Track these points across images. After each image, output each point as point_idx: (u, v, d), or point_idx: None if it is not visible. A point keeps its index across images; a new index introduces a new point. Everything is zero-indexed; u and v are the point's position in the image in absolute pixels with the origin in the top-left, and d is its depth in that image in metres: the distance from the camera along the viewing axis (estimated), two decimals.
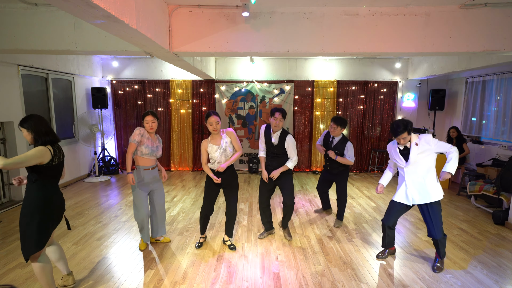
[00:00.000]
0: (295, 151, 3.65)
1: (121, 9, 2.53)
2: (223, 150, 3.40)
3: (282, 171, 3.66)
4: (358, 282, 3.02)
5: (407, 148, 3.11)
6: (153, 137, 3.50)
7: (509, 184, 4.65)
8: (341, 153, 4.19)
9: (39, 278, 2.57)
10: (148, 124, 3.41)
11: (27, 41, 3.94)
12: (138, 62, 7.65)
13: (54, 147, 2.53)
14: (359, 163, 7.90)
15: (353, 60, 7.58)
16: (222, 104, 7.76)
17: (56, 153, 2.52)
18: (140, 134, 3.37)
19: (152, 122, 3.42)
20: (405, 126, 2.98)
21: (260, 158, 3.83)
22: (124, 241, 3.85)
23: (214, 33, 3.96)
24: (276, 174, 3.65)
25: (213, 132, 3.41)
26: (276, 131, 3.65)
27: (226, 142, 3.42)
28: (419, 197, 3.11)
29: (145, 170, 3.47)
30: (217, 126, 3.37)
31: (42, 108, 5.90)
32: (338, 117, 4.18)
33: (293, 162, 3.66)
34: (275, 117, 3.57)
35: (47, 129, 2.51)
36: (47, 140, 2.48)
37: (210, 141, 3.45)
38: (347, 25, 3.94)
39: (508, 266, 3.34)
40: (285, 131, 3.68)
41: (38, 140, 2.46)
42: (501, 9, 3.78)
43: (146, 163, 3.47)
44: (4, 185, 5.25)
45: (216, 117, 3.36)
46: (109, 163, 7.46)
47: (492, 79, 6.08)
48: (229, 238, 3.79)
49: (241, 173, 7.65)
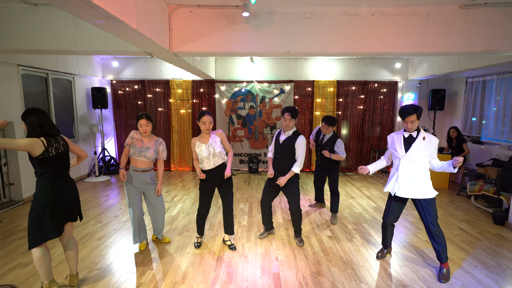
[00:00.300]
0: (303, 153, 3.56)
1: (121, 9, 2.53)
2: (211, 149, 3.42)
3: (289, 178, 3.57)
4: (358, 282, 3.02)
5: (412, 138, 3.06)
6: (145, 139, 3.47)
7: (509, 184, 4.65)
8: (331, 149, 4.37)
9: (37, 266, 2.64)
10: (142, 128, 3.38)
11: (27, 41, 3.93)
12: (138, 62, 7.65)
13: (49, 139, 2.59)
14: (359, 163, 7.90)
15: (353, 60, 7.58)
16: (222, 104, 7.76)
17: (51, 144, 2.58)
18: (131, 137, 3.45)
19: (146, 125, 3.38)
20: (415, 109, 2.95)
21: (268, 159, 3.82)
22: (124, 241, 3.85)
23: (214, 33, 3.96)
24: (283, 181, 3.57)
25: (204, 132, 3.44)
26: (286, 130, 3.61)
27: (215, 142, 3.44)
28: (408, 191, 3.07)
29: (134, 171, 3.46)
30: (210, 126, 3.41)
31: (42, 108, 5.85)
32: (329, 117, 4.36)
33: (299, 166, 3.56)
34: (284, 117, 3.55)
35: (42, 121, 2.57)
36: (39, 132, 2.55)
37: (198, 139, 3.48)
38: (347, 25, 3.94)
39: (508, 266, 3.34)
40: (298, 132, 3.64)
41: (31, 132, 2.55)
42: (501, 9, 3.78)
43: (135, 164, 3.46)
44: (4, 185, 5.24)
45: (209, 116, 3.39)
46: (109, 163, 7.46)
47: (492, 79, 6.08)
48: (230, 238, 3.79)
49: (241, 173, 7.65)
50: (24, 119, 2.56)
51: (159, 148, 3.53)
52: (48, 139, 2.59)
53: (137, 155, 3.42)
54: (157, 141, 3.53)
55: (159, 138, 3.57)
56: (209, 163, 3.46)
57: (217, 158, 3.46)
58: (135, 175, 3.46)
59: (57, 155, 2.62)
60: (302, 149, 3.55)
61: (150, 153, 3.45)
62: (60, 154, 2.65)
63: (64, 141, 2.75)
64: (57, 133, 2.69)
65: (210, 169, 3.48)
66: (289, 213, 4.80)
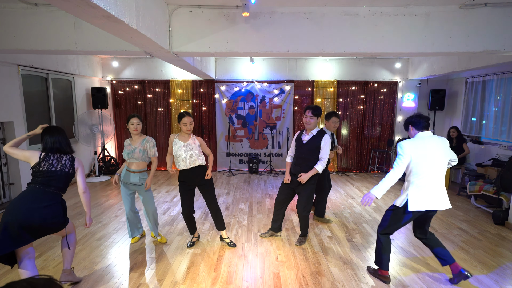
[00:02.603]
0: (328, 153, 3.53)
1: (121, 9, 2.53)
2: (188, 148, 3.44)
3: (311, 175, 3.51)
4: (358, 282, 3.02)
5: None
6: (134, 141, 3.60)
7: (509, 184, 4.65)
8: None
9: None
10: (133, 126, 3.53)
11: (27, 41, 3.93)
12: (138, 62, 7.65)
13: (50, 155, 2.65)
14: (359, 163, 7.90)
15: (353, 60, 7.58)
16: (222, 104, 7.76)
17: (47, 160, 2.62)
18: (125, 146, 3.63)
19: (137, 124, 3.55)
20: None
21: (286, 163, 3.79)
22: (124, 241, 3.85)
23: (214, 33, 3.96)
24: (305, 178, 3.48)
25: (186, 132, 3.46)
26: (309, 129, 3.57)
27: (194, 144, 3.48)
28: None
29: (127, 171, 3.62)
30: (191, 127, 3.45)
31: (42, 108, 5.90)
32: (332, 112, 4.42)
33: (322, 165, 3.51)
34: (305, 114, 3.54)
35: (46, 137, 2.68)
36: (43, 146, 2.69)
37: (178, 137, 3.50)
38: (347, 25, 3.94)
39: (508, 266, 3.34)
40: (323, 131, 3.59)
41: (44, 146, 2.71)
42: (501, 9, 3.78)
43: (129, 166, 3.63)
44: (4, 185, 5.24)
45: (190, 117, 3.44)
46: (109, 163, 7.46)
47: (492, 79, 6.08)
48: (227, 235, 3.79)
49: (241, 173, 7.65)
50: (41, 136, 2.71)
51: (146, 146, 3.60)
52: (49, 154, 2.65)
53: (126, 157, 3.59)
54: (143, 140, 3.60)
55: (147, 136, 3.65)
56: (184, 163, 3.46)
57: (194, 159, 3.47)
58: (126, 174, 3.62)
59: (49, 171, 2.59)
60: (327, 148, 3.51)
61: (136, 153, 3.56)
62: (53, 171, 2.60)
63: (72, 164, 2.71)
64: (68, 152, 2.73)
65: (185, 169, 3.48)
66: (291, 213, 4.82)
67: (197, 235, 3.83)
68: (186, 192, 3.55)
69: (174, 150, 3.48)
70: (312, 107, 3.52)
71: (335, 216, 4.80)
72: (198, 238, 3.88)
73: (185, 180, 3.51)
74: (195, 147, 3.48)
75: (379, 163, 7.95)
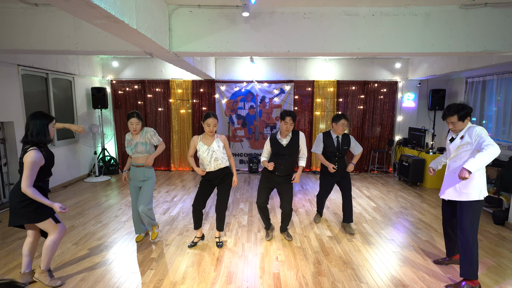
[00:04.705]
0: (306, 147, 3.75)
1: (121, 9, 2.53)
2: (212, 152, 3.44)
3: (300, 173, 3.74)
4: (358, 282, 3.02)
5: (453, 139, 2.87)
6: (135, 136, 3.61)
7: (509, 184, 4.66)
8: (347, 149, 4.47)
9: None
10: (132, 126, 3.53)
11: (27, 41, 3.93)
12: (138, 62, 7.65)
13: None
14: (359, 163, 7.90)
15: (353, 60, 7.58)
16: (222, 104, 7.76)
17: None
18: (126, 140, 3.68)
19: (137, 124, 3.54)
20: (456, 109, 2.65)
21: (263, 162, 3.75)
22: (124, 241, 3.85)
23: (214, 33, 3.96)
24: (298, 178, 3.72)
25: (208, 133, 3.45)
26: (286, 135, 3.66)
27: (219, 146, 3.47)
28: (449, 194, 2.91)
29: (132, 166, 3.69)
30: (214, 129, 3.43)
31: (42, 108, 5.90)
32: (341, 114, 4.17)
33: (305, 159, 3.77)
34: (285, 121, 3.56)
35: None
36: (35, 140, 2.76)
37: (201, 140, 3.50)
38: (347, 25, 3.94)
39: (508, 266, 3.34)
40: (296, 130, 3.73)
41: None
42: (501, 9, 3.78)
43: (134, 160, 3.67)
44: (4, 185, 5.24)
45: (215, 119, 3.43)
46: (109, 163, 7.46)
47: (492, 79, 6.08)
48: (220, 234, 3.80)
49: (241, 173, 7.65)
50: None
51: (147, 137, 3.61)
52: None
53: (130, 153, 3.64)
54: (143, 132, 3.61)
55: (145, 127, 3.65)
56: (210, 166, 3.49)
57: (219, 162, 3.50)
58: (133, 170, 3.67)
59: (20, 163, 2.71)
60: (305, 144, 3.74)
61: (139, 147, 3.59)
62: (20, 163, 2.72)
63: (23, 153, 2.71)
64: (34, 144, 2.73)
65: (210, 171, 3.51)
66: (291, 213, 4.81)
67: (201, 235, 3.82)
68: (206, 188, 3.59)
69: (199, 153, 3.49)
70: (292, 114, 3.56)
71: (335, 216, 4.80)
72: (202, 238, 3.87)
73: (210, 179, 3.56)
74: (219, 150, 3.48)
75: (379, 163, 7.95)
